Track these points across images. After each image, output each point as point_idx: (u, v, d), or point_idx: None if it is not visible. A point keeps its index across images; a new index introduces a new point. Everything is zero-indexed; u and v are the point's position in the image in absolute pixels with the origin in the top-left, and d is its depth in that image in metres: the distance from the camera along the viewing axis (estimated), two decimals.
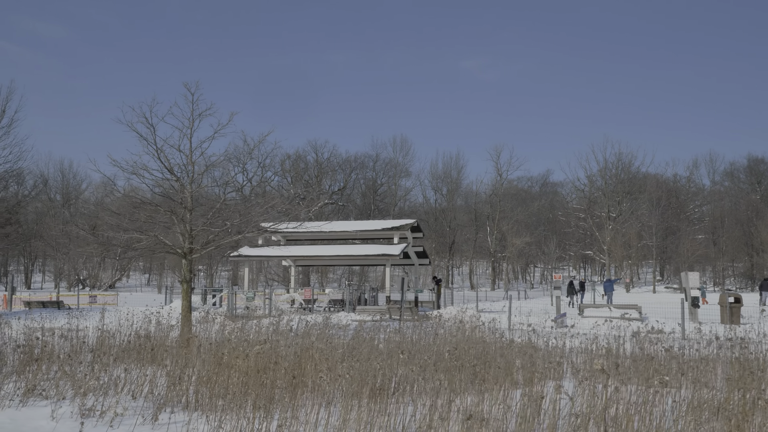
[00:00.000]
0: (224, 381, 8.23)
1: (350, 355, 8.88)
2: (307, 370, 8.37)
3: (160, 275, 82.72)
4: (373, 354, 9.31)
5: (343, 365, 7.97)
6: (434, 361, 9.18)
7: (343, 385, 7.31)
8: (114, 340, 12.70)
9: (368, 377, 7.86)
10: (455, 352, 9.67)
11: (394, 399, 7.57)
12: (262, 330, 15.87)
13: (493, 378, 8.58)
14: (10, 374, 9.85)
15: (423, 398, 7.29)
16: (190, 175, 15.95)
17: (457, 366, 9.03)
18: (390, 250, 29.50)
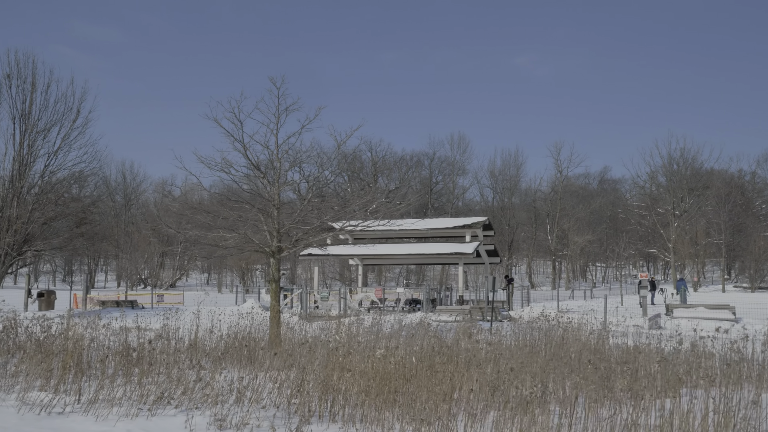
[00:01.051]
0: (349, 388, 7.67)
1: (484, 361, 8.23)
2: (441, 376, 7.75)
3: (219, 275, 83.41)
4: (505, 359, 8.65)
5: (486, 371, 7.33)
6: (570, 369, 8.49)
7: (496, 396, 6.66)
8: (211, 342, 12.33)
9: (509, 385, 7.20)
10: (586, 357, 8.96)
11: (541, 410, 6.90)
12: (353, 330, 15.37)
13: (641, 386, 7.82)
14: (112, 377, 9.51)
15: (580, 409, 6.60)
16: (276, 171, 15.53)
17: (595, 372, 8.31)
18: (463, 249, 28.76)
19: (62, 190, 25.79)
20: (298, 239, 15.45)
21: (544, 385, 7.15)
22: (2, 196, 24.80)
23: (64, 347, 9.30)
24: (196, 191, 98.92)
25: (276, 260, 15.25)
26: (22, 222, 23.94)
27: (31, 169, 25.39)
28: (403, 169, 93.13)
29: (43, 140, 25.61)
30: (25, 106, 25.35)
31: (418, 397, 6.88)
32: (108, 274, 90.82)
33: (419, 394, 6.94)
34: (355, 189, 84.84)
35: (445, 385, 7.37)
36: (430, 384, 7.35)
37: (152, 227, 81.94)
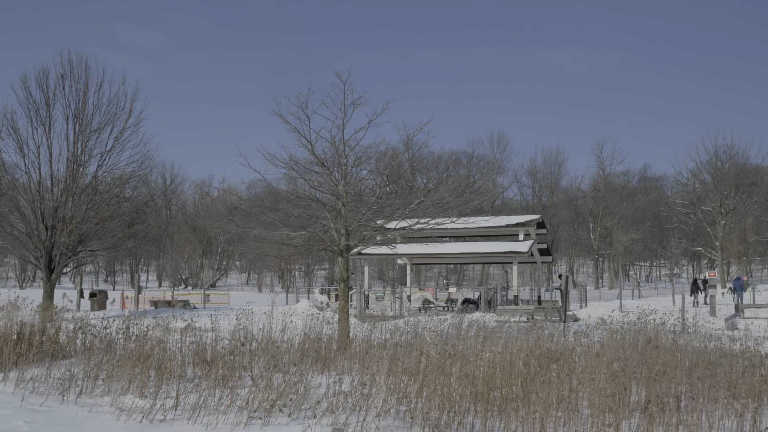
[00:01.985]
0: (462, 394, 7.16)
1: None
2: (558, 381, 7.20)
3: (259, 275, 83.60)
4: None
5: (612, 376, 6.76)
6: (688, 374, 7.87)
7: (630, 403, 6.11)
8: (285, 344, 11.94)
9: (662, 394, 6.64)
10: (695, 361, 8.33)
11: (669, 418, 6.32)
12: (418, 329, 14.88)
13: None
14: (198, 382, 9.14)
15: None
16: (343, 168, 15.10)
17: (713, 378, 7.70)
18: (518, 247, 28.11)
19: (116, 190, 25.69)
20: (365, 237, 15.00)
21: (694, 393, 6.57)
22: (57, 196, 24.78)
23: (147, 351, 8.93)
24: (234, 191, 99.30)
25: (344, 259, 14.82)
26: (77, 222, 23.87)
27: (85, 169, 25.34)
28: (441, 167, 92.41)
29: (96, 140, 25.55)
30: (78, 106, 25.31)
31: (542, 404, 6.35)
32: (149, 275, 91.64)
33: (542, 400, 6.42)
34: (398, 188, 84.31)
35: (564, 389, 6.85)
36: (549, 389, 6.82)
37: (192, 227, 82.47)
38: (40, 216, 24.40)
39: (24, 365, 11.19)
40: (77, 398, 8.20)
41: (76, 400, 8.03)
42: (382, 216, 15.17)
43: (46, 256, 24.41)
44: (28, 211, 24.45)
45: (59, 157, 25.15)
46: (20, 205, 24.67)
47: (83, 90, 25.40)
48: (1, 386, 9.43)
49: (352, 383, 8.56)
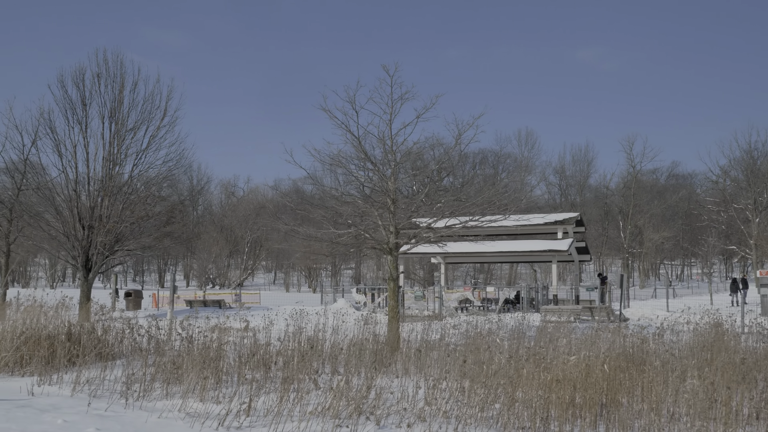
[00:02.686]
0: (547, 399, 6.73)
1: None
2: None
3: (285, 275, 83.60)
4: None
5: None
6: None
7: None
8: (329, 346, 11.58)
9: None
10: None
11: None
12: (475, 332, 14.44)
13: None
14: (253, 384, 8.79)
15: None
16: (391, 164, 14.71)
17: None
18: (558, 246, 27.54)
19: (152, 189, 25.54)
20: (415, 235, 14.61)
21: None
22: (93, 195, 24.68)
23: (213, 354, 8.61)
24: (259, 191, 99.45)
25: (394, 258, 14.42)
26: (114, 221, 23.75)
27: (121, 169, 25.22)
28: (467, 166, 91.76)
29: (132, 139, 25.42)
30: (114, 105, 25.20)
31: (639, 411, 5.90)
32: (176, 274, 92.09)
33: (638, 406, 5.97)
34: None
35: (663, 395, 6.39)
36: (647, 395, 6.37)
37: (219, 227, 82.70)
38: (77, 215, 24.33)
39: (73, 366, 10.95)
40: (140, 402, 7.89)
41: (141, 404, 7.72)
42: (432, 213, 14.78)
43: (83, 256, 24.33)
44: (66, 211, 24.39)
45: (95, 157, 25.06)
46: (57, 204, 24.61)
47: (119, 89, 25.29)
48: (57, 389, 9.18)
49: (415, 386, 8.17)
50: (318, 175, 29.69)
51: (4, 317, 15.33)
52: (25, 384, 9.78)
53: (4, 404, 7.34)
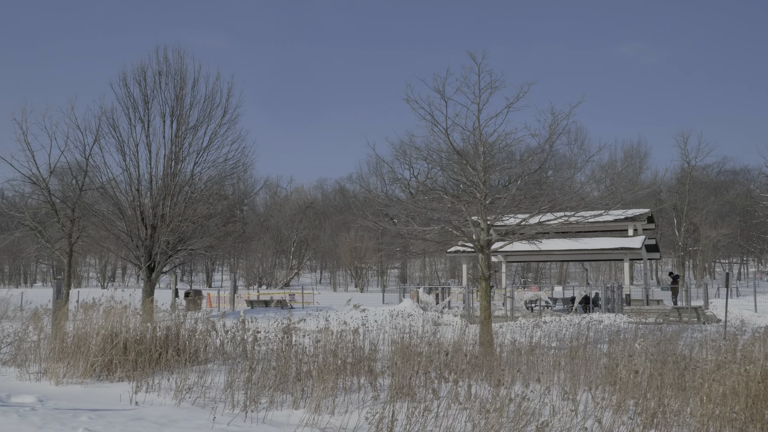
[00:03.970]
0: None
1: None
2: None
3: (332, 274, 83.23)
4: None
5: None
6: None
7: None
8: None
9: None
10: None
11: None
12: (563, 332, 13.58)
13: None
14: (363, 393, 8.08)
15: None
16: (480, 157, 13.90)
17: None
18: (630, 243, 26.42)
19: (214, 187, 25.13)
20: (508, 232, 13.80)
21: None
22: (155, 194, 24.35)
23: (340, 363, 7.91)
24: (303, 191, 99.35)
25: (485, 256, 13.61)
26: (179, 220, 23.38)
27: (183, 167, 24.86)
28: (513, 164, 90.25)
29: (193, 137, 25.05)
30: (175, 103, 24.85)
31: None
32: (223, 274, 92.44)
33: None
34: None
35: None
36: None
37: (264, 226, 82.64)
38: (140, 215, 24.03)
39: (162, 371, 10.39)
40: (256, 413, 7.24)
41: (260, 415, 7.06)
42: (525, 209, 13.96)
43: (146, 255, 24.01)
44: (129, 210, 24.10)
45: (157, 155, 24.74)
46: (120, 203, 24.35)
47: (180, 86, 24.94)
48: (157, 396, 8.59)
49: (559, 395, 7.37)
50: (364, 175, 28.52)
51: (66, 317, 14.93)
52: (119, 391, 9.23)
53: (115, 416, 6.73)
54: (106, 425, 6.19)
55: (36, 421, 6.06)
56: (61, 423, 6.09)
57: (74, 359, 10.56)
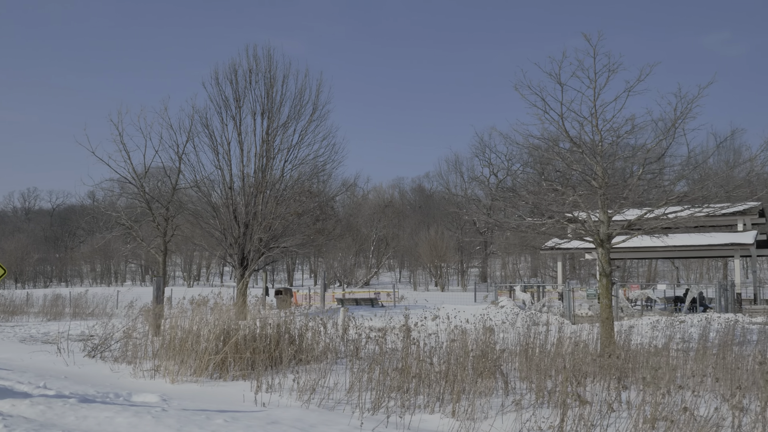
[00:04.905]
0: None
1: None
2: None
3: (412, 273, 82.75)
4: None
5: None
6: None
7: None
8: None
9: None
10: None
11: None
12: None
13: None
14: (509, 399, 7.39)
15: None
16: (599, 145, 13.02)
17: None
18: (740, 239, 24.81)
19: (305, 184, 24.96)
20: (631, 224, 12.87)
21: None
22: (247, 192, 24.34)
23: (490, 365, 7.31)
24: (382, 189, 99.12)
25: (605, 250, 12.73)
26: (272, 218, 23.27)
27: (273, 165, 24.78)
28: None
29: (284, 134, 24.95)
30: (265, 101, 24.81)
31: None
32: (303, 273, 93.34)
33: None
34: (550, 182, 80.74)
35: None
36: None
37: (346, 225, 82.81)
38: (233, 213, 24.05)
39: (275, 370, 10.03)
40: (399, 417, 6.70)
41: (403, 421, 6.52)
42: (648, 202, 13.02)
43: (239, 254, 24.01)
44: (222, 208, 24.17)
45: (249, 153, 24.73)
46: (213, 201, 24.46)
47: (270, 84, 24.86)
48: (278, 397, 8.16)
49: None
50: (443, 173, 27.46)
51: (162, 315, 14.85)
52: (237, 390, 8.89)
53: (248, 419, 6.31)
54: (245, 429, 5.76)
55: (172, 423, 5.69)
56: (198, 426, 5.69)
57: (187, 357, 10.31)
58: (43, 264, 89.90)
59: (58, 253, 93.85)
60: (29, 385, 7.41)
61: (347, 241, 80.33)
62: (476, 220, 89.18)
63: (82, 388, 7.76)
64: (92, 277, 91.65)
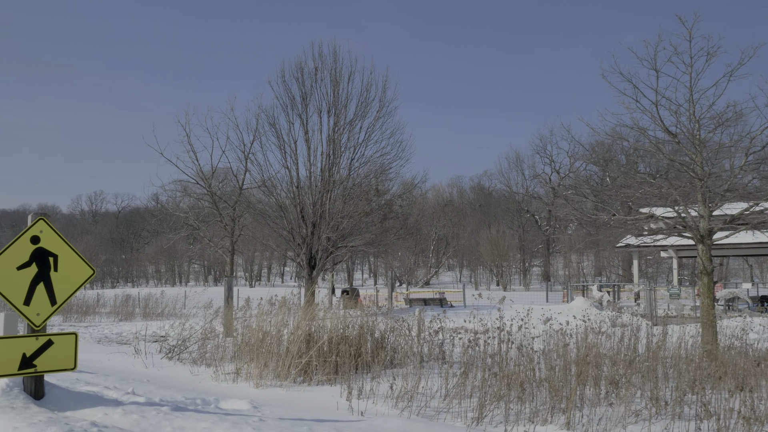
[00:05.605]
0: None
1: None
2: None
3: (473, 272, 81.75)
4: None
5: None
6: None
7: None
8: None
9: None
10: None
11: None
12: None
13: None
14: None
15: None
16: (696, 134, 12.16)
17: None
18: None
19: (372, 182, 24.54)
20: (734, 219, 11.98)
21: None
22: (315, 191, 24.04)
23: None
24: (441, 188, 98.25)
25: (706, 247, 11.87)
26: (341, 216, 22.92)
27: (339, 163, 24.44)
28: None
29: (350, 132, 24.58)
30: (332, 99, 24.48)
31: None
32: (363, 273, 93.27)
33: None
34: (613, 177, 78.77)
35: None
36: None
37: (405, 225, 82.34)
38: (299, 212, 23.79)
39: (359, 373, 9.57)
40: (502, 428, 6.12)
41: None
42: (753, 195, 12.11)
43: (307, 253, 23.73)
44: (290, 207, 23.94)
45: (316, 152, 24.44)
46: (281, 201, 24.24)
47: (336, 81, 24.52)
48: (373, 404, 7.67)
49: None
50: (504, 170, 26.02)
51: (232, 316, 14.59)
52: (324, 396, 8.45)
53: (351, 429, 5.82)
54: None
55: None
56: None
57: (268, 360, 9.92)
58: (110, 265, 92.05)
59: (123, 254, 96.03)
60: (117, 390, 7.10)
61: (408, 240, 79.83)
62: (538, 218, 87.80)
63: (169, 393, 7.42)
64: (156, 278, 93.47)
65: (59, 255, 5.78)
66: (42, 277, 5.66)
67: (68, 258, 5.84)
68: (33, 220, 5.71)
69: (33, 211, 5.92)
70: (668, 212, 12.72)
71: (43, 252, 5.68)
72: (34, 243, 5.64)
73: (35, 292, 5.60)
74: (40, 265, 5.65)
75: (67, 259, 5.82)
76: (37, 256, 5.65)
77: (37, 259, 5.65)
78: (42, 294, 5.64)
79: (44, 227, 5.71)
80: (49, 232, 5.74)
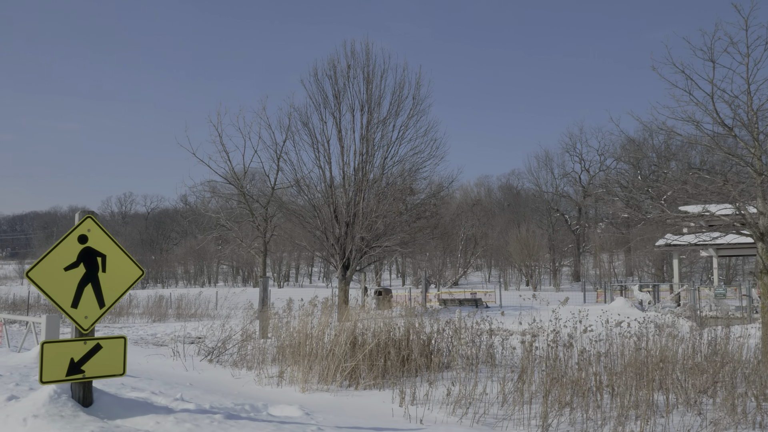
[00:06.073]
0: None
1: None
2: None
3: (503, 272, 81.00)
4: None
5: None
6: None
7: None
8: None
9: None
10: None
11: None
12: None
13: None
14: None
15: None
16: (754, 127, 11.61)
17: None
18: None
19: (406, 181, 24.14)
20: None
21: None
22: (348, 191, 23.73)
23: None
24: (469, 188, 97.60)
25: (766, 245, 11.31)
26: (375, 216, 22.58)
27: (373, 162, 24.09)
28: (693, 152, 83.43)
29: (383, 130, 24.22)
30: (365, 97, 24.14)
31: None
32: (391, 273, 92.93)
33: None
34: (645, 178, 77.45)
35: None
36: None
37: (433, 224, 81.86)
38: (333, 212, 23.50)
39: (408, 376, 9.21)
40: None
41: None
42: None
43: (341, 253, 23.43)
44: (323, 207, 23.65)
45: (348, 151, 24.12)
46: (314, 200, 23.96)
47: (369, 79, 24.17)
48: (428, 411, 7.30)
49: None
50: (533, 169, 25.80)
51: (268, 318, 14.31)
52: (374, 401, 8.11)
53: None
54: None
55: None
56: None
57: (313, 363, 9.61)
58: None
59: (153, 255, 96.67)
60: (164, 396, 6.82)
61: (441, 240, 79.25)
62: (568, 218, 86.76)
63: (216, 398, 7.13)
64: (186, 279, 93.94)
65: (107, 255, 5.50)
66: (90, 278, 5.37)
67: (117, 258, 5.56)
68: (80, 218, 5.43)
69: (80, 210, 5.63)
70: (723, 209, 12.20)
71: (91, 252, 5.40)
72: (81, 242, 5.36)
73: (83, 294, 5.32)
74: (88, 265, 5.37)
75: (116, 260, 5.54)
76: (84, 256, 5.37)
77: (85, 260, 5.36)
78: (90, 296, 5.36)
79: (92, 226, 5.43)
80: (97, 230, 5.46)
